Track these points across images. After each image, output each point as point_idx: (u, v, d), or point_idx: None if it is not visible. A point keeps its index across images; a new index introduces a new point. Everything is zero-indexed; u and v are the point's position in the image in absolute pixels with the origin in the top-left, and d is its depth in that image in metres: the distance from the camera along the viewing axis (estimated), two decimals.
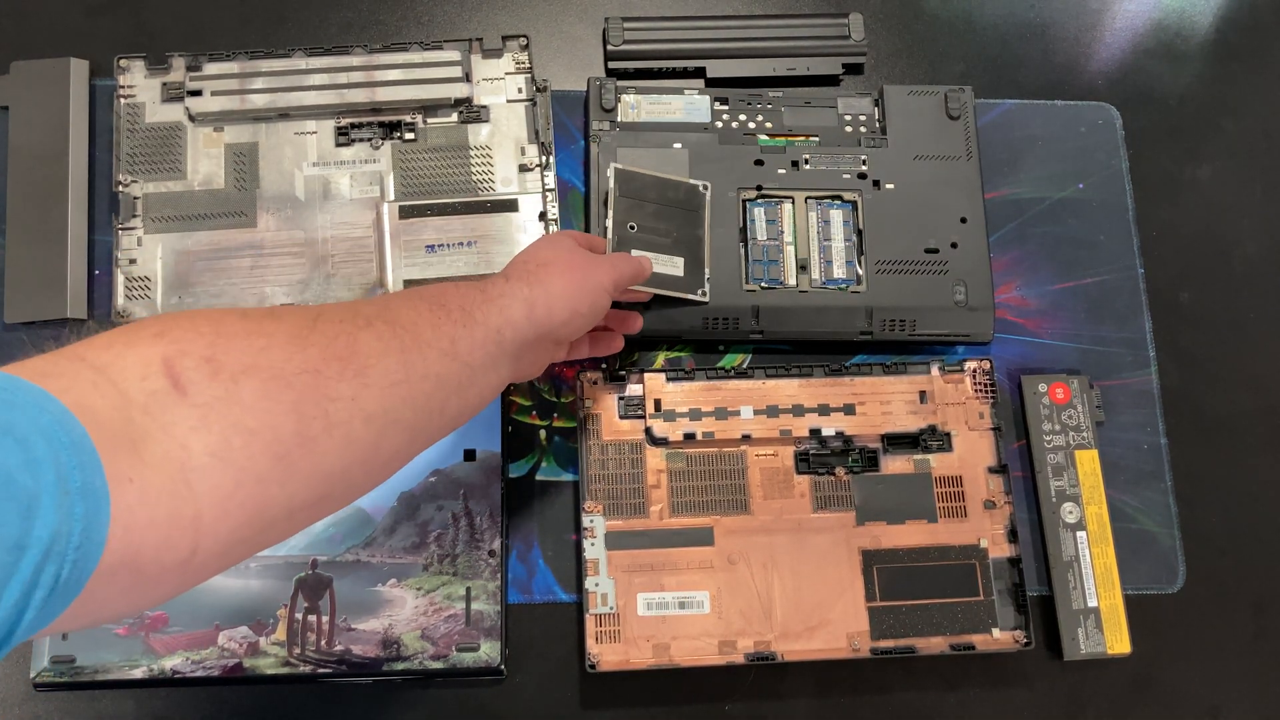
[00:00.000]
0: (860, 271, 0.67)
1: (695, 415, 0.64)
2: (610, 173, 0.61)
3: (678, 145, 0.68)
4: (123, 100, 0.67)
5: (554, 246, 0.53)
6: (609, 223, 0.59)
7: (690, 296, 0.63)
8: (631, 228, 0.60)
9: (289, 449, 0.35)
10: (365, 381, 0.38)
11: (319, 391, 0.36)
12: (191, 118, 0.67)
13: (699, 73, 0.72)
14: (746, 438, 0.64)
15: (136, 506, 0.30)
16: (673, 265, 0.62)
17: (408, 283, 0.66)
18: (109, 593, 0.30)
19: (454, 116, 0.69)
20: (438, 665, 0.59)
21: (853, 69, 0.73)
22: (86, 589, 0.29)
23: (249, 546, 0.36)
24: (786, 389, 0.65)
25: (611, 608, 0.60)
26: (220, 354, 0.34)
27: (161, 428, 0.31)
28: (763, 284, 0.66)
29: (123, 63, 0.68)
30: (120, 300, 0.65)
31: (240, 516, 0.34)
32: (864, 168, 0.69)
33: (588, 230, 0.67)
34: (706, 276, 0.63)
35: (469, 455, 0.63)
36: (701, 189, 0.65)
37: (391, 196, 0.67)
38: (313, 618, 0.60)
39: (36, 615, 0.27)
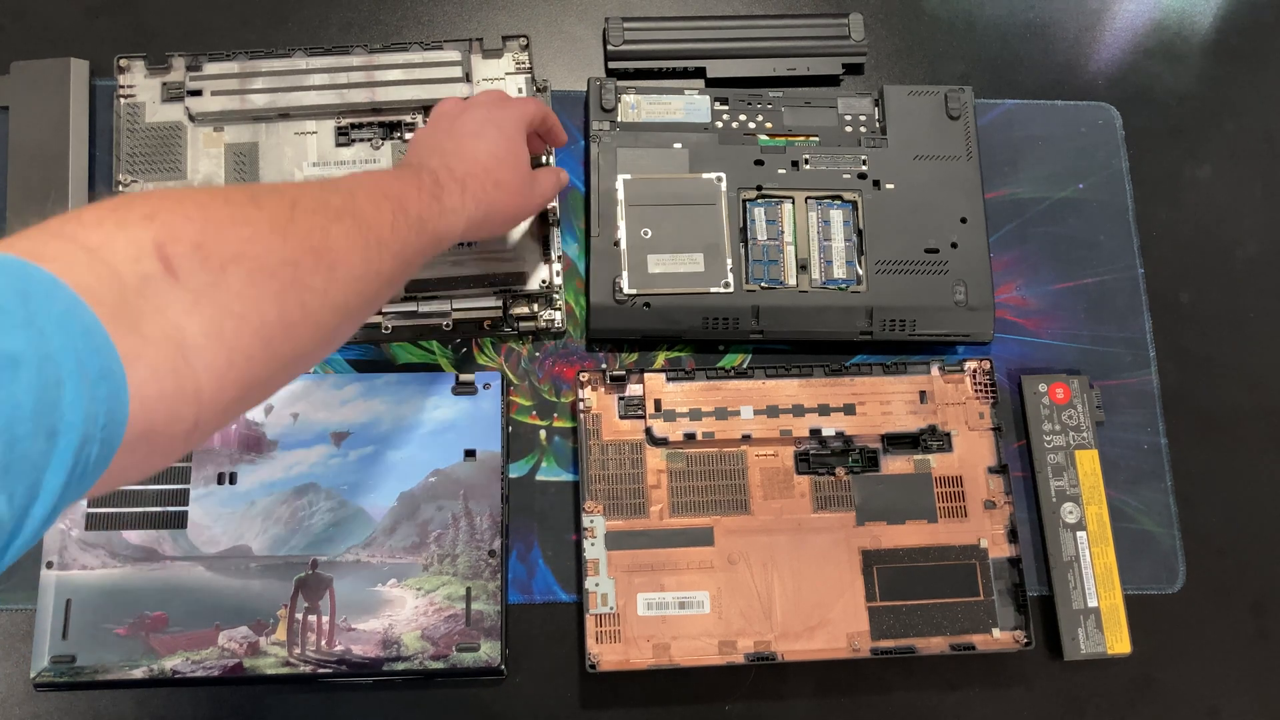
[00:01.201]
0: (860, 271, 0.67)
1: (695, 415, 0.64)
2: (619, 185, 0.60)
3: (678, 145, 0.68)
4: (123, 100, 0.67)
5: (514, 164, 0.55)
6: (621, 235, 0.59)
7: (714, 290, 0.62)
8: (646, 233, 0.60)
9: (273, 334, 0.37)
10: (334, 275, 0.41)
11: (298, 283, 0.39)
12: (191, 117, 0.67)
13: (699, 73, 0.72)
14: (746, 438, 0.64)
15: (148, 381, 0.31)
16: (692, 263, 0.61)
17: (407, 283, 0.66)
18: (125, 464, 0.32)
19: None
20: (438, 665, 0.59)
21: (853, 69, 0.73)
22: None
23: (236, 416, 0.40)
24: (786, 389, 0.65)
25: (611, 608, 0.60)
26: (209, 240, 0.35)
27: (155, 309, 0.33)
28: (763, 284, 0.66)
29: (123, 63, 0.68)
30: None
31: (233, 392, 0.36)
32: (864, 168, 0.69)
33: (592, 235, 0.66)
34: (729, 267, 0.63)
35: (469, 455, 0.63)
36: (715, 180, 0.65)
37: None
38: (313, 618, 0.60)
39: (72, 494, 0.29)
